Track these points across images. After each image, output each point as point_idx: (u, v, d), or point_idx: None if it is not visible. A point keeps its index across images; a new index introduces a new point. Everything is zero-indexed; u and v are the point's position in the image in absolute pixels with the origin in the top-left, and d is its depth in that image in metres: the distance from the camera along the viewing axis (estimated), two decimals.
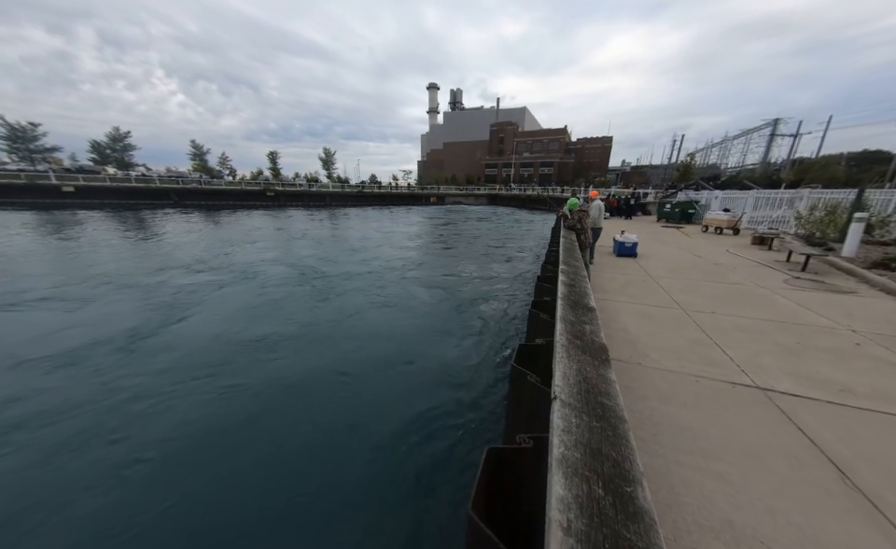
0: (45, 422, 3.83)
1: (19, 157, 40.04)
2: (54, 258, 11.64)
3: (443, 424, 3.92)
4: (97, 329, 6.08)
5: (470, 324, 6.90)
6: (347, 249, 14.53)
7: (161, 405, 4.16)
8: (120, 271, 9.94)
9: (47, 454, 3.44)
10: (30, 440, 3.60)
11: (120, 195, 34.36)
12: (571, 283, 3.18)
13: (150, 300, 7.65)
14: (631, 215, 18.64)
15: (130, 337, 5.79)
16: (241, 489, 3.14)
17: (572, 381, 1.47)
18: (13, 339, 5.74)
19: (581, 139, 74.37)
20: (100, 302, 7.53)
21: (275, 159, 56.66)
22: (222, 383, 4.54)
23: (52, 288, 8.20)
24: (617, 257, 7.89)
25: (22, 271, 9.80)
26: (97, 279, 8.98)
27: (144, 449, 3.48)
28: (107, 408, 4.09)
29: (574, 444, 1.08)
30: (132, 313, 6.89)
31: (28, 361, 5.04)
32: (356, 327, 6.58)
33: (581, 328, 2.10)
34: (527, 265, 12.34)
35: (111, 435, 3.68)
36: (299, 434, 3.73)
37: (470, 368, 5.24)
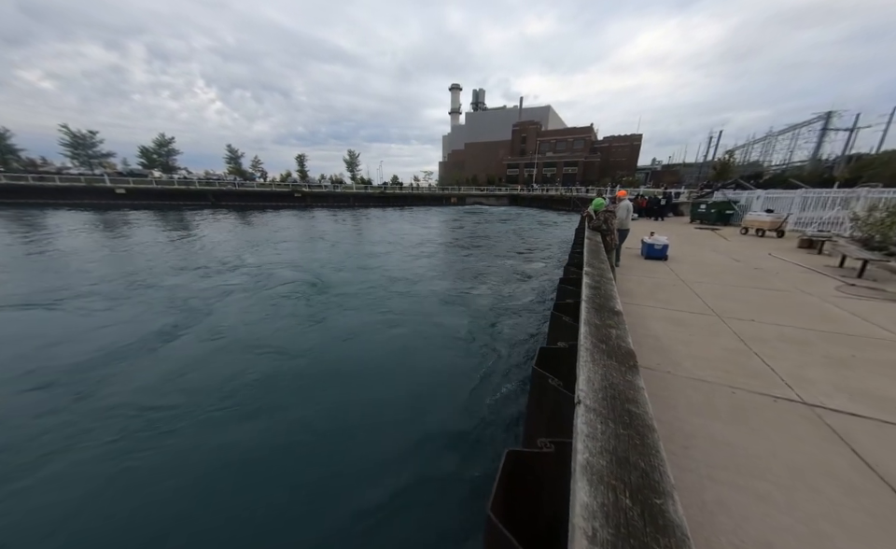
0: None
1: (79, 162, 44.23)
2: (105, 256, 12.75)
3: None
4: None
5: (485, 360, 5.59)
6: (363, 254, 13.99)
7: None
8: (148, 269, 10.46)
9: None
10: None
11: (165, 197, 37.08)
12: (596, 285, 3.08)
13: (160, 303, 7.64)
14: (662, 216, 17.75)
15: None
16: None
17: (597, 386, 1.42)
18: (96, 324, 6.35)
19: (608, 137, 71.75)
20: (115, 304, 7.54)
21: (303, 161, 58.98)
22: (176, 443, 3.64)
23: (88, 287, 8.92)
24: (645, 259, 7.55)
25: (88, 266, 10.82)
26: (118, 281, 9.15)
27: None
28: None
29: (599, 451, 1.04)
30: (141, 317, 6.80)
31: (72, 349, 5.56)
32: (349, 362, 5.43)
33: (606, 332, 2.03)
34: (553, 282, 11.03)
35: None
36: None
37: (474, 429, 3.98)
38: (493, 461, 3.33)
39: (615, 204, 7.68)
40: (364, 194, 48.23)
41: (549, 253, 15.33)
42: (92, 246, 13.96)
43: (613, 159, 69.00)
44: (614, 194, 7.96)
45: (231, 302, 7.87)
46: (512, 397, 4.58)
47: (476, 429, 3.95)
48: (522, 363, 5.43)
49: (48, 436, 3.69)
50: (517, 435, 3.81)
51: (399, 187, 60.83)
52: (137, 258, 11.99)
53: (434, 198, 53.42)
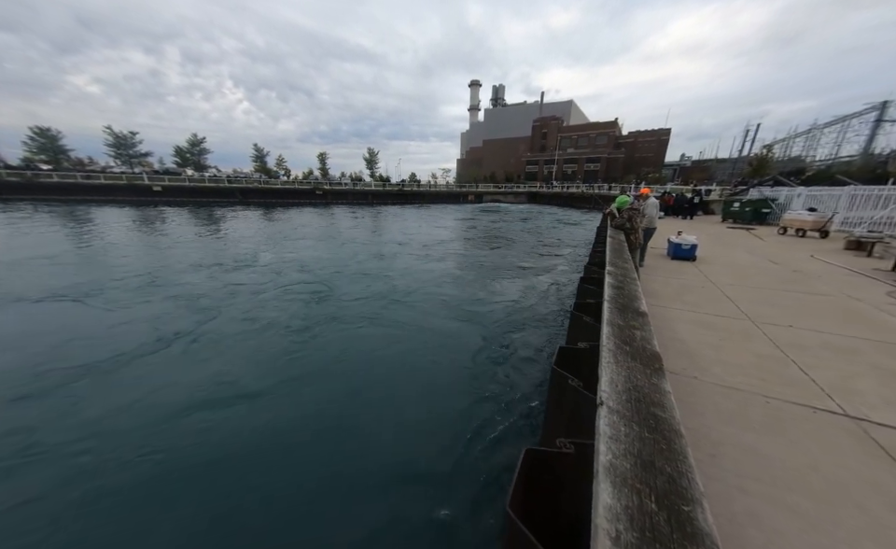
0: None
1: (121, 161, 47.37)
2: (138, 252, 13.64)
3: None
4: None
5: (493, 389, 4.60)
6: (373, 255, 13.09)
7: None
8: (169, 266, 10.73)
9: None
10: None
11: (196, 194, 39.10)
12: (619, 285, 2.99)
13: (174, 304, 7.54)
14: (691, 214, 16.92)
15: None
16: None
17: (620, 388, 1.39)
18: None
19: (634, 132, 68.96)
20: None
21: (325, 160, 60.42)
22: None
23: (113, 282, 9.53)
24: (671, 260, 7.25)
25: (122, 261, 11.62)
26: (138, 278, 9.33)
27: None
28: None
29: (623, 454, 1.02)
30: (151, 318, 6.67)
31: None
32: (337, 391, 4.54)
33: (630, 333, 1.97)
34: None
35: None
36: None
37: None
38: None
39: (641, 202, 7.38)
40: (382, 192, 48.88)
41: (576, 254, 14.57)
42: (128, 242, 14.97)
43: (639, 155, 66.35)
44: (638, 192, 7.54)
45: (229, 308, 7.33)
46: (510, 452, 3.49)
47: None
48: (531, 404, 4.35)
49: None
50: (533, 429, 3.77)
51: (417, 184, 61.20)
52: (164, 253, 12.71)
53: (451, 196, 53.38)
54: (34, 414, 4.06)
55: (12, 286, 8.47)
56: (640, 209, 6.75)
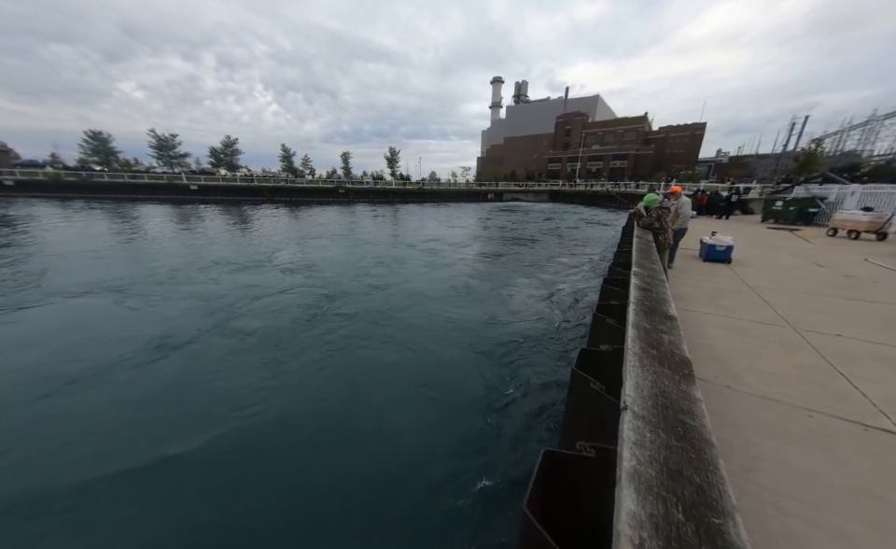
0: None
1: (163, 162, 50.77)
2: (166, 248, 14.55)
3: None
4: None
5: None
6: (382, 260, 12.12)
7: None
8: (191, 264, 11.25)
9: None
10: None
11: (229, 192, 41.26)
12: (646, 287, 2.87)
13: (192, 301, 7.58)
14: (727, 213, 15.91)
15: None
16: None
17: (646, 393, 1.34)
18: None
19: (665, 127, 65.66)
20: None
21: (347, 159, 61.93)
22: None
23: (140, 280, 10.18)
24: (704, 262, 6.86)
25: (162, 256, 12.47)
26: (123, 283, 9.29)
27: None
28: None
29: (648, 461, 0.99)
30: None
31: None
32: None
33: (657, 337, 1.89)
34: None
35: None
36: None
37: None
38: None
39: (671, 200, 7.01)
40: (402, 190, 49.44)
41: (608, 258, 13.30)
42: (162, 239, 16.03)
43: (670, 151, 63.12)
44: (668, 190, 7.12)
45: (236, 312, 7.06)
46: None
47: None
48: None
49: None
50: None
51: (437, 183, 61.42)
52: (189, 251, 13.40)
53: (471, 194, 53.12)
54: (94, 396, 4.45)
55: (62, 277, 9.31)
56: (670, 208, 6.43)
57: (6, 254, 11.61)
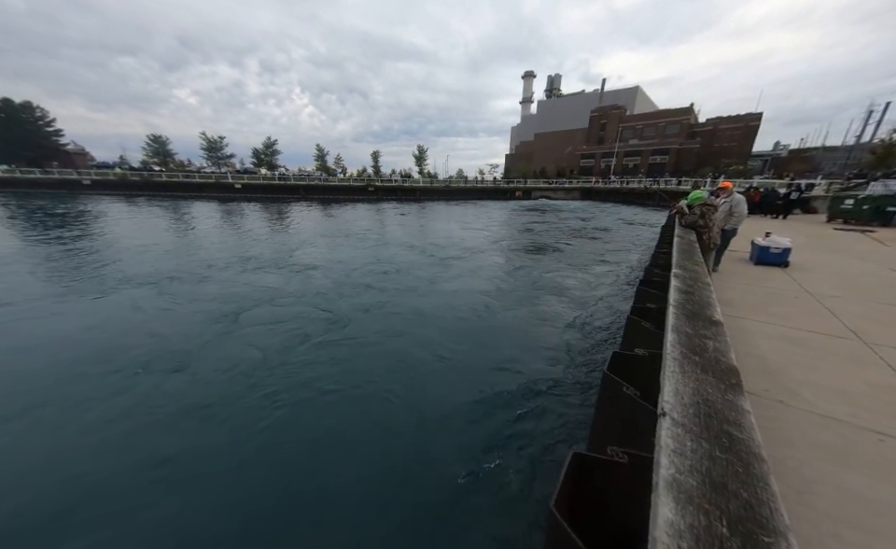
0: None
1: (211, 162, 54.98)
2: (220, 240, 15.71)
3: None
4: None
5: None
6: (400, 265, 10.98)
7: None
8: (215, 260, 12.28)
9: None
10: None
11: (268, 190, 43.88)
12: (688, 290, 2.69)
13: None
14: (785, 212, 14.44)
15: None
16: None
17: (687, 401, 1.27)
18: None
19: (713, 119, 60.64)
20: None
21: (377, 158, 63.39)
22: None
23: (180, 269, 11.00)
24: (755, 265, 6.29)
25: (206, 250, 13.54)
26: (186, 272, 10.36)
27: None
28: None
29: (689, 470, 0.94)
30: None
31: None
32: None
33: (701, 343, 1.77)
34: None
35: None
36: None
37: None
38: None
39: (724, 197, 6.30)
40: (429, 188, 49.82)
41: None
42: (211, 232, 17.38)
43: (718, 144, 58.27)
44: (716, 186, 6.51)
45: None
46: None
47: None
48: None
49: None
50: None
51: (464, 181, 61.23)
52: (224, 247, 14.46)
53: (498, 191, 52.39)
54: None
55: (125, 267, 10.41)
56: (716, 205, 5.94)
57: (83, 246, 13.20)
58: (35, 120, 49.28)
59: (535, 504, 3.00)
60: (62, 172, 44.10)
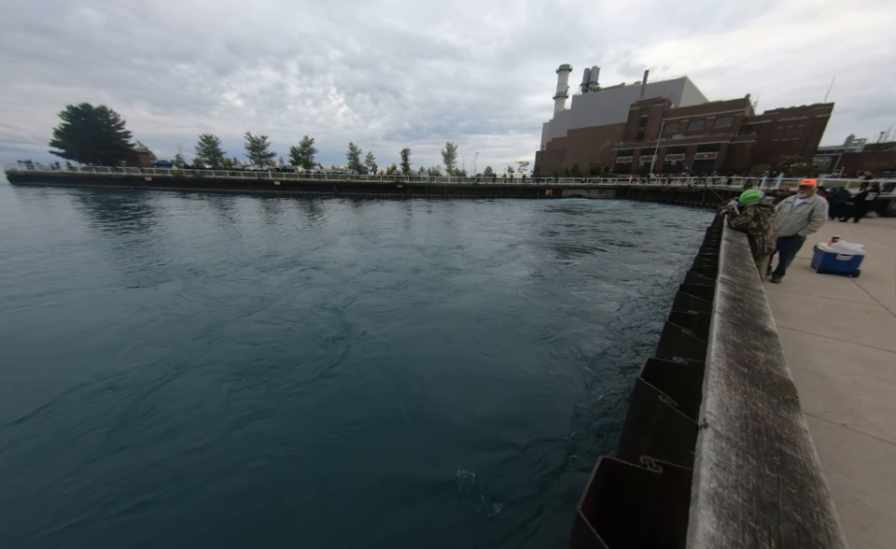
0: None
1: (255, 161, 58.77)
2: (265, 235, 16.75)
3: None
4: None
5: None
6: (409, 274, 9.62)
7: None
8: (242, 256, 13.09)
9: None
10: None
11: (304, 187, 46.13)
12: (737, 297, 2.50)
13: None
14: (857, 215, 12.84)
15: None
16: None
17: (733, 414, 1.19)
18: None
19: (772, 111, 55.11)
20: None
21: (407, 156, 64.39)
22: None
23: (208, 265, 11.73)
24: (818, 273, 5.67)
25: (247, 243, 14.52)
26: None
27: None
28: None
29: (733, 485, 0.88)
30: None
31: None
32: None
33: (750, 354, 1.64)
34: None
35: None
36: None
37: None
38: None
39: (798, 198, 5.27)
40: (457, 186, 49.78)
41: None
42: (252, 227, 18.57)
43: (778, 139, 52.93)
44: (773, 187, 5.84)
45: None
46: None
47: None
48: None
49: None
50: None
51: (493, 178, 60.46)
52: (255, 245, 15.34)
53: (527, 190, 51.18)
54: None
55: (175, 258, 11.43)
56: (773, 206, 5.39)
57: (143, 238, 14.71)
58: (108, 123, 55.33)
59: (556, 505, 2.94)
60: (128, 169, 49.28)
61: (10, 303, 7.07)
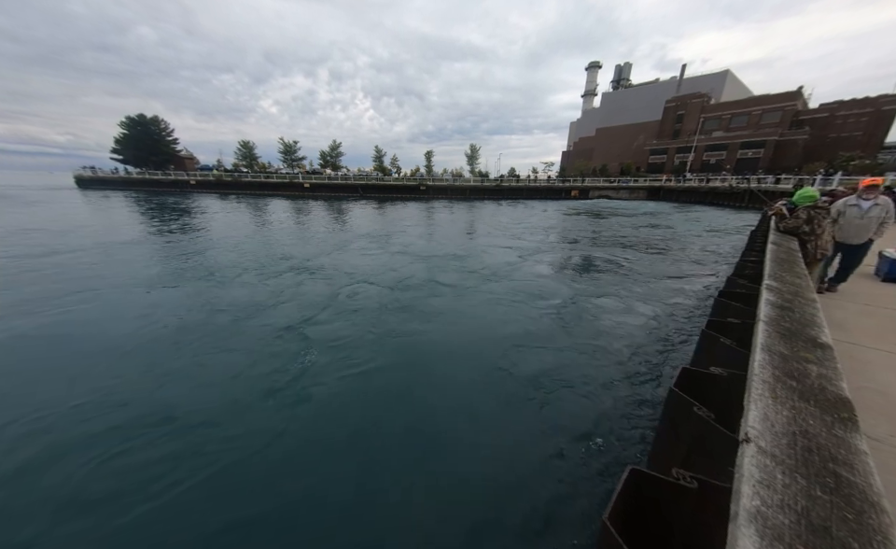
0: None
1: (286, 164, 61.70)
2: (292, 236, 17.51)
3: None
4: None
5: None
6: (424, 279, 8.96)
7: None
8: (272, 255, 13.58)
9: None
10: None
11: (332, 189, 47.87)
12: (786, 306, 2.31)
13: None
14: None
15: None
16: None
17: (779, 430, 1.10)
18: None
19: (828, 104, 50.30)
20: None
21: (430, 158, 64.92)
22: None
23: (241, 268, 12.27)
24: (882, 281, 5.11)
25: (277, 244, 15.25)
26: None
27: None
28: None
29: (778, 505, 0.82)
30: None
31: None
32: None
33: (801, 367, 1.52)
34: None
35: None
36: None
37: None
38: None
39: (867, 199, 4.63)
40: (480, 187, 49.59)
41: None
42: (280, 227, 19.47)
43: (836, 134, 48.23)
44: (829, 186, 5.29)
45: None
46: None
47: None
48: None
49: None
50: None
51: (516, 179, 59.59)
52: (278, 245, 15.95)
53: (552, 191, 49.98)
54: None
55: (211, 258, 12.21)
56: (828, 207, 4.89)
57: (182, 238, 15.88)
58: (160, 132, 60.34)
59: (575, 510, 2.84)
60: (176, 174, 53.49)
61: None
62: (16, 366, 5.08)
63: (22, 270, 9.46)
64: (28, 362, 5.18)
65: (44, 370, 4.96)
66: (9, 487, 3.12)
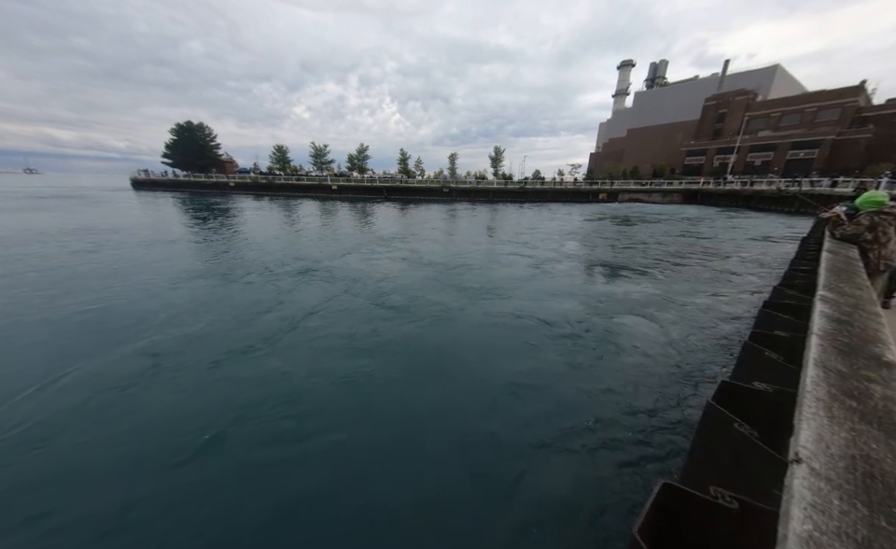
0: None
1: (316, 167, 64.37)
2: (317, 237, 18.17)
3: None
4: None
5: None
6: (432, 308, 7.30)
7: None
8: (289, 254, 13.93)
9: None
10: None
11: (358, 191, 49.37)
12: (844, 319, 2.10)
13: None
14: None
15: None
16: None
17: (836, 452, 1.01)
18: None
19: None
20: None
21: (454, 160, 65.22)
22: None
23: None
24: None
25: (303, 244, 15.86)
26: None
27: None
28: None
29: (835, 532, 0.75)
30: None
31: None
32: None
33: (861, 386, 1.38)
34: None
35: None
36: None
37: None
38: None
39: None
40: (503, 190, 49.13)
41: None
42: (308, 228, 20.28)
43: None
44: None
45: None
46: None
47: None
48: None
49: None
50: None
51: (541, 182, 58.41)
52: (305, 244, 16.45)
53: (578, 194, 48.55)
54: None
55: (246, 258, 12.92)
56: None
57: (220, 239, 16.96)
58: (204, 137, 65.03)
59: (601, 522, 2.73)
60: (217, 176, 57.39)
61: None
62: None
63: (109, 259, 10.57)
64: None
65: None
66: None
